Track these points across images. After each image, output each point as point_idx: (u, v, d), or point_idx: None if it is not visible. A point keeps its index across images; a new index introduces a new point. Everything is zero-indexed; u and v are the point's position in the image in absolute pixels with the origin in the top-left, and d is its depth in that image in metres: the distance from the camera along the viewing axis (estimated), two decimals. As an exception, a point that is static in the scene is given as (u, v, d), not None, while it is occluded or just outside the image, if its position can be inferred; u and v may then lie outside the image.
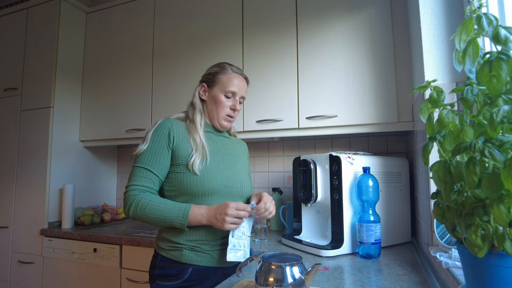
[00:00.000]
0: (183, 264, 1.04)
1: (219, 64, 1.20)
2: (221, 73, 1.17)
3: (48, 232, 1.92)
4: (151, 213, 1.00)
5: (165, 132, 1.08)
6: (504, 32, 0.51)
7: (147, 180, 1.05)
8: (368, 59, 1.53)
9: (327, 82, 1.60)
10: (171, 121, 1.12)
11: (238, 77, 1.18)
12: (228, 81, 1.16)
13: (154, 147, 1.07)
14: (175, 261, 1.05)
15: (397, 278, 0.96)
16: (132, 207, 1.01)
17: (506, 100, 0.50)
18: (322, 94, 1.60)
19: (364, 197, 1.20)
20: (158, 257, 1.08)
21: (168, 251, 1.06)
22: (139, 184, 1.04)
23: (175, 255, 1.05)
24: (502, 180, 0.44)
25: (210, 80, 1.18)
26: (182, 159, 1.07)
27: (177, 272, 1.04)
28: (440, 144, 0.60)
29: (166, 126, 1.10)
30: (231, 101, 1.17)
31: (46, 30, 2.14)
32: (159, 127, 1.10)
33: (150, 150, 1.07)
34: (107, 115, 2.16)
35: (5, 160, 2.17)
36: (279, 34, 1.72)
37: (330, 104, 1.58)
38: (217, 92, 1.16)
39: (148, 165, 1.05)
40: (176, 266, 1.05)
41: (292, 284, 0.74)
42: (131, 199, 1.02)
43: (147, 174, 1.05)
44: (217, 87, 1.16)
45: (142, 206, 1.00)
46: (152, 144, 1.07)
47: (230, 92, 1.16)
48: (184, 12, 1.98)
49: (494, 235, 0.48)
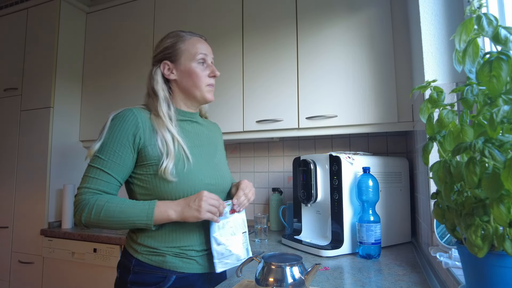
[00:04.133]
0: (165, 271, 0.91)
1: (170, 35, 1.04)
2: (179, 42, 1.01)
3: (48, 232, 1.92)
4: (108, 217, 0.85)
5: (128, 128, 0.90)
6: (504, 32, 0.51)
7: (103, 183, 0.89)
8: (368, 59, 1.53)
9: (327, 82, 1.60)
10: (135, 112, 0.93)
11: (199, 40, 1.04)
12: (192, 47, 1.01)
13: (113, 144, 0.89)
14: (156, 267, 0.91)
15: (397, 278, 0.96)
16: (85, 212, 0.85)
17: (506, 100, 0.50)
18: (322, 94, 1.60)
19: (364, 197, 1.20)
20: (132, 260, 0.92)
21: (146, 255, 0.92)
22: (93, 187, 0.88)
23: (156, 260, 0.91)
24: (502, 180, 0.44)
25: (171, 54, 1.00)
26: (154, 159, 0.91)
27: (157, 280, 0.90)
28: (440, 144, 0.60)
29: (130, 120, 0.91)
30: (206, 68, 1.02)
31: (46, 30, 2.14)
32: (121, 120, 0.91)
33: (108, 147, 0.89)
34: (107, 115, 2.15)
35: (5, 160, 2.17)
36: (279, 34, 1.72)
37: (330, 104, 1.58)
38: (187, 63, 1.00)
39: (104, 165, 0.89)
40: (155, 273, 0.91)
41: (292, 284, 0.74)
42: (82, 203, 0.86)
43: (103, 176, 0.89)
44: (184, 57, 1.00)
45: (97, 209, 0.85)
46: (111, 140, 0.90)
47: (202, 58, 1.01)
48: (184, 12, 1.98)
49: (494, 235, 0.48)
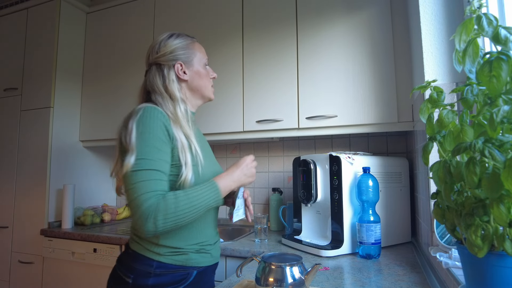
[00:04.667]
0: (188, 268, 0.93)
1: (179, 36, 1.04)
2: (191, 43, 1.05)
3: (48, 232, 1.92)
4: (184, 212, 0.83)
5: (160, 122, 0.88)
6: (504, 32, 0.51)
7: (159, 182, 0.83)
8: (368, 59, 1.53)
9: (327, 82, 1.60)
10: (157, 107, 0.91)
11: (199, 44, 1.09)
12: (200, 50, 1.07)
13: (153, 141, 0.85)
14: (179, 266, 0.91)
15: (397, 278, 0.96)
16: (160, 217, 0.79)
17: (506, 100, 0.50)
18: (322, 94, 1.60)
19: (364, 197, 1.20)
20: (152, 263, 0.89)
21: (169, 256, 0.91)
22: (155, 190, 0.82)
23: (180, 259, 0.92)
24: (502, 180, 0.44)
25: (185, 54, 1.02)
26: (175, 161, 0.90)
27: (180, 278, 0.92)
28: (440, 144, 0.60)
29: (158, 115, 0.88)
30: (209, 71, 1.09)
31: (46, 30, 2.14)
32: (150, 117, 0.87)
33: (149, 147, 0.84)
34: (107, 115, 2.16)
35: (5, 160, 2.17)
36: (279, 34, 1.72)
37: (330, 104, 1.58)
38: (197, 65, 1.04)
39: (153, 165, 0.83)
40: (178, 271, 0.92)
41: (292, 284, 0.74)
42: (150, 210, 0.79)
43: (156, 175, 0.83)
44: (196, 59, 1.04)
45: (169, 210, 0.80)
46: (149, 139, 0.85)
47: (207, 60, 1.08)
48: (184, 12, 1.98)
49: (494, 235, 0.48)
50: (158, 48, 1.01)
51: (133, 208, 0.82)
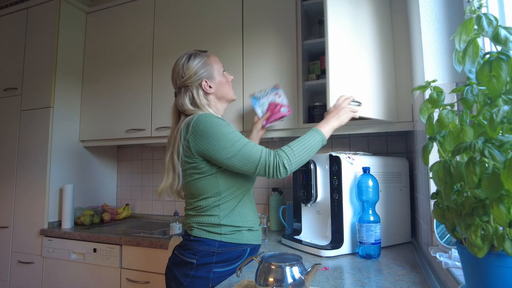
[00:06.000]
0: (243, 245, 1.12)
1: (198, 54, 1.21)
2: (207, 60, 1.21)
3: (48, 232, 1.92)
4: (301, 155, 1.06)
5: (220, 119, 1.10)
6: (504, 32, 0.51)
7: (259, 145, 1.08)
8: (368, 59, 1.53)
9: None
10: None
11: (213, 55, 1.26)
12: (216, 62, 1.23)
13: (230, 127, 1.08)
14: (236, 243, 1.10)
15: (397, 278, 0.96)
16: (286, 160, 1.03)
17: (506, 100, 0.50)
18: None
19: (364, 197, 1.20)
20: (215, 243, 1.08)
21: (229, 235, 1.09)
22: (264, 148, 1.06)
23: (237, 237, 1.10)
24: (502, 180, 0.44)
25: (205, 71, 1.19)
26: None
27: (238, 254, 1.11)
28: (440, 144, 0.60)
29: (213, 115, 1.11)
30: (226, 76, 1.26)
31: (46, 30, 2.14)
32: (214, 118, 1.10)
33: (233, 130, 1.08)
34: (107, 115, 2.16)
35: (5, 160, 2.17)
36: (279, 34, 1.72)
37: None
38: (218, 76, 1.22)
39: (247, 139, 1.08)
40: (236, 249, 1.10)
41: (292, 284, 0.74)
42: (277, 158, 1.04)
43: (255, 143, 1.08)
44: (215, 72, 1.21)
45: (290, 154, 1.04)
46: (228, 127, 1.07)
47: (223, 69, 1.25)
48: (184, 12, 1.98)
49: (494, 235, 0.48)
50: (182, 73, 1.18)
51: (262, 169, 1.04)
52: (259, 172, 1.05)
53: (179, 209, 2.25)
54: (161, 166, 2.38)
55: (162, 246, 1.60)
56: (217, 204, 1.09)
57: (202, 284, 1.05)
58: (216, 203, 1.09)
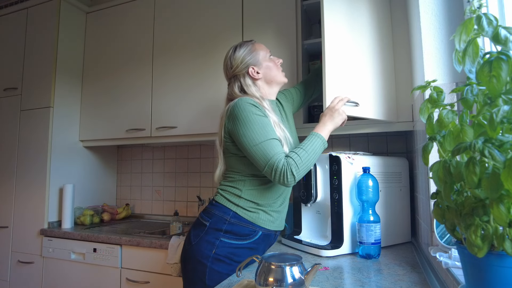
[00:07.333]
0: (256, 226, 1.14)
1: (243, 44, 1.25)
2: (252, 47, 1.24)
3: (48, 232, 1.92)
4: (307, 162, 1.07)
5: (253, 107, 1.12)
6: (504, 32, 0.51)
7: (280, 147, 1.10)
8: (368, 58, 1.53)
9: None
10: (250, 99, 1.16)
11: (258, 43, 1.29)
12: (261, 48, 1.26)
13: (261, 119, 1.10)
14: (250, 221, 1.13)
15: (397, 278, 0.96)
16: (294, 167, 1.04)
17: (506, 100, 0.50)
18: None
19: (364, 197, 1.20)
20: (230, 212, 1.13)
21: (246, 210, 1.13)
22: (281, 152, 1.08)
23: (252, 216, 1.14)
24: (502, 180, 0.44)
25: (251, 59, 1.22)
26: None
27: (248, 232, 1.13)
28: (440, 144, 0.60)
29: (251, 104, 1.13)
30: (274, 59, 1.28)
31: (46, 30, 2.14)
32: (249, 105, 1.12)
33: (261, 122, 1.09)
34: (107, 115, 2.16)
35: (5, 160, 2.17)
36: (279, 34, 1.72)
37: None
38: (264, 61, 1.24)
39: (272, 135, 1.09)
40: (248, 226, 1.13)
41: (292, 284, 0.74)
42: (285, 165, 1.04)
43: (276, 142, 1.09)
44: (261, 58, 1.24)
45: (298, 162, 1.05)
46: (257, 118, 1.09)
47: (269, 54, 1.28)
48: (184, 11, 1.98)
49: (494, 235, 0.48)
50: (230, 64, 1.24)
51: (269, 170, 1.06)
52: (266, 172, 1.07)
53: (179, 209, 2.25)
54: (161, 166, 2.38)
55: (162, 246, 1.60)
56: (243, 179, 1.17)
57: (206, 248, 1.10)
58: (243, 178, 1.17)
